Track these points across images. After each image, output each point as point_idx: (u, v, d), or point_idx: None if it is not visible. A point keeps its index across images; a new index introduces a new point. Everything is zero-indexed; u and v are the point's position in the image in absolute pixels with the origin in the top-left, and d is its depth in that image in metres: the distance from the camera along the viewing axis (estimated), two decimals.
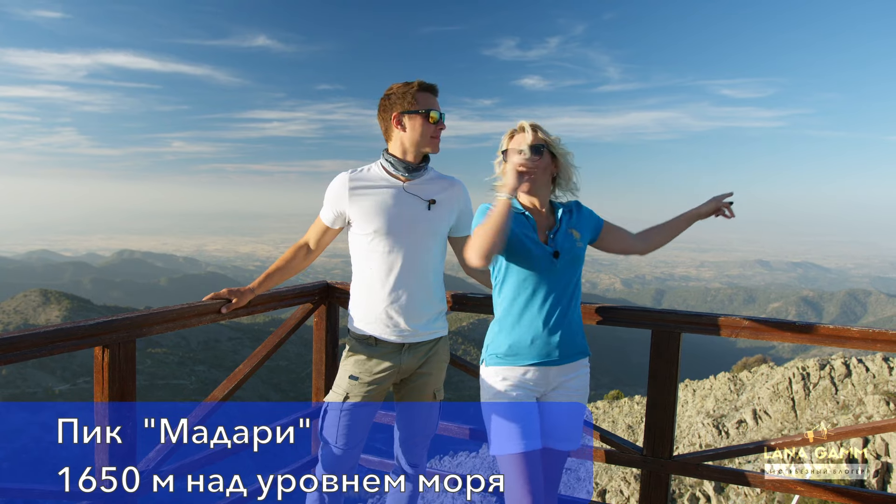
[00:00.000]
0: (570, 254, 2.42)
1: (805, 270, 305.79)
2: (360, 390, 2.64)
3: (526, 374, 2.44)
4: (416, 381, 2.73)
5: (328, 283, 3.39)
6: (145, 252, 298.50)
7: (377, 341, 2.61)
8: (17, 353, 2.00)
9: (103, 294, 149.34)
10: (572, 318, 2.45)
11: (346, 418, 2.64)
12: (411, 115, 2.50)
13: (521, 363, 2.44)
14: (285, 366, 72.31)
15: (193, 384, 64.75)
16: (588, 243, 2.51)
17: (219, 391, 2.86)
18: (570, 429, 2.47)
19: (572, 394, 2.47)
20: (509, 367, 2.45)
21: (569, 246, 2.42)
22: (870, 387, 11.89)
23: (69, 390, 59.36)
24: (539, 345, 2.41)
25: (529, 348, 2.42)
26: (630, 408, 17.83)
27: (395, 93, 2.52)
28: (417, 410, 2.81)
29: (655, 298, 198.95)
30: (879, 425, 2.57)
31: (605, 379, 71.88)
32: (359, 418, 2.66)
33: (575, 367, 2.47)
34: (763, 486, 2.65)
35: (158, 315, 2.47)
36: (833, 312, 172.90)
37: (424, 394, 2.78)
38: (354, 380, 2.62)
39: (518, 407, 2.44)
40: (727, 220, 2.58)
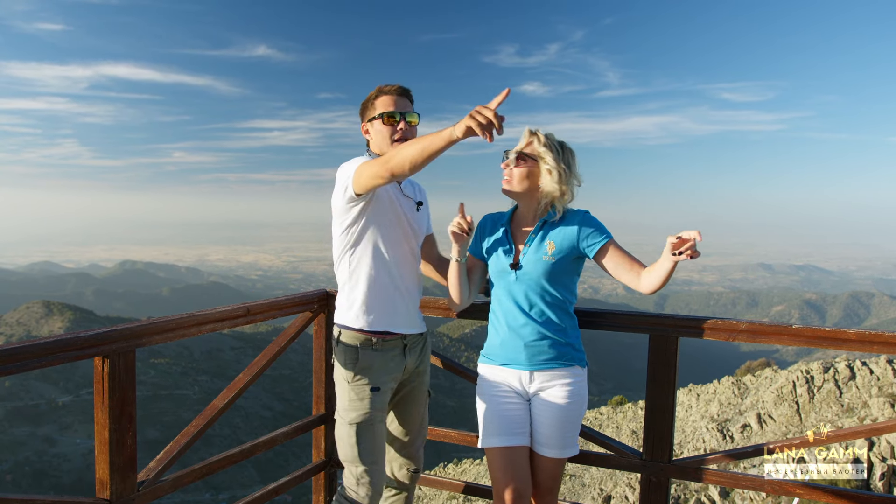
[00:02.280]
0: (533, 266, 2.45)
1: (808, 273, 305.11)
2: (383, 400, 2.60)
3: (503, 373, 2.53)
4: (414, 382, 2.76)
5: (327, 292, 3.40)
6: (147, 262, 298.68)
7: (384, 341, 2.56)
8: (17, 363, 2.01)
9: (106, 305, 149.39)
10: (545, 327, 2.45)
11: (378, 434, 2.59)
12: (372, 122, 2.59)
13: (497, 363, 2.55)
14: (288, 375, 72.22)
15: (197, 394, 64.68)
16: (574, 257, 2.47)
17: (219, 400, 2.87)
18: (552, 436, 2.47)
19: (554, 401, 2.45)
20: (490, 365, 2.58)
21: (534, 258, 2.45)
22: (874, 389, 11.85)
23: (72, 402, 59.31)
24: (507, 348, 2.51)
25: (500, 350, 2.54)
26: (634, 413, 17.76)
27: (362, 105, 2.64)
28: (416, 413, 2.82)
29: (658, 303, 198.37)
30: (880, 426, 2.56)
31: (609, 384, 71.66)
32: (382, 431, 2.65)
33: (553, 374, 2.46)
34: (763, 489, 2.64)
35: (157, 325, 2.48)
36: (836, 315, 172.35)
37: (422, 394, 2.81)
38: (377, 391, 2.54)
39: (498, 404, 2.51)
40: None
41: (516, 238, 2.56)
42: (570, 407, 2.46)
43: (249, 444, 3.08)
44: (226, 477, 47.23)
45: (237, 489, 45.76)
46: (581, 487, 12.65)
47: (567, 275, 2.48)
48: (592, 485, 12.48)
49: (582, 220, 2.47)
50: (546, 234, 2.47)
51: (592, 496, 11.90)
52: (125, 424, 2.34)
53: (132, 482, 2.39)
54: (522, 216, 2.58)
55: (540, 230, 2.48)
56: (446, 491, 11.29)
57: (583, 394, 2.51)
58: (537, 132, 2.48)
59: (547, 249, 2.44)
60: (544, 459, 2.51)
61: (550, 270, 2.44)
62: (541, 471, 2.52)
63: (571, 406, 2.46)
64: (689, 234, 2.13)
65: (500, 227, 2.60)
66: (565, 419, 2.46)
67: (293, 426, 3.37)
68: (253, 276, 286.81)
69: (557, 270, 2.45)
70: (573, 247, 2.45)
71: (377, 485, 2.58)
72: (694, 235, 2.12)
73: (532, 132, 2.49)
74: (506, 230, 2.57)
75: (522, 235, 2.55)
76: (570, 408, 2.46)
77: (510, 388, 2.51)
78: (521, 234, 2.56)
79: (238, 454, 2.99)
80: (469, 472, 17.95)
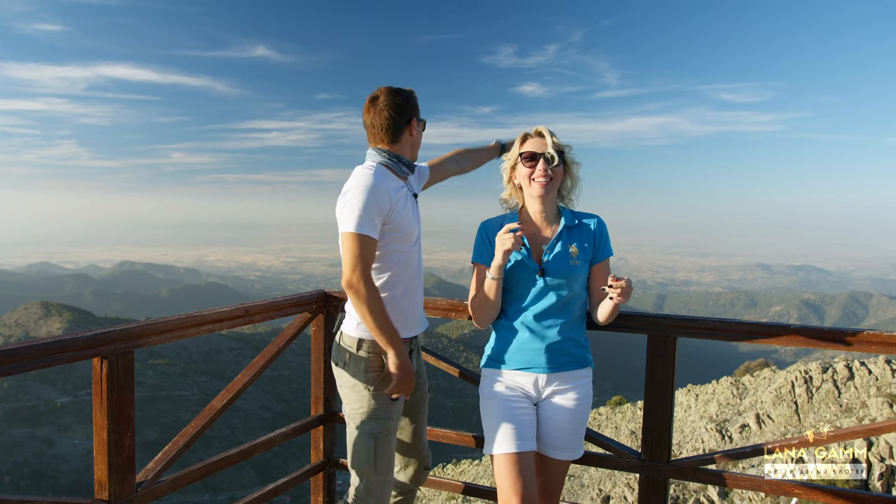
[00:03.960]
0: (562, 271, 2.41)
1: (806, 273, 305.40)
2: (402, 408, 2.62)
3: (516, 378, 2.46)
4: (419, 381, 2.76)
5: (326, 292, 3.40)
6: (146, 263, 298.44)
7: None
8: (15, 364, 2.01)
9: (104, 306, 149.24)
10: (567, 330, 2.43)
11: (393, 443, 2.61)
12: (420, 122, 2.62)
13: (510, 367, 2.47)
14: (287, 376, 72.15)
15: (195, 395, 64.58)
16: (589, 261, 2.47)
17: (217, 401, 2.86)
18: (565, 438, 2.46)
19: (568, 403, 2.44)
20: (500, 370, 2.50)
21: (561, 263, 2.41)
22: (873, 389, 11.86)
23: (70, 402, 59.21)
24: (526, 352, 2.44)
25: (517, 354, 2.46)
26: (633, 414, 17.75)
27: (414, 97, 2.57)
28: (423, 410, 2.83)
29: (657, 303, 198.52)
30: (878, 426, 2.57)
31: (607, 385, 71.68)
32: (395, 439, 2.66)
33: (568, 376, 2.45)
34: (762, 489, 2.64)
35: (156, 326, 2.48)
36: (835, 315, 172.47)
37: (425, 391, 2.83)
38: (397, 400, 2.55)
39: (509, 408, 2.44)
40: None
41: (533, 242, 2.48)
42: (582, 409, 2.47)
43: (248, 445, 3.08)
44: (224, 478, 47.14)
45: (236, 490, 45.66)
46: (580, 488, 12.65)
47: (585, 278, 2.48)
48: (591, 485, 12.48)
49: (600, 227, 2.49)
50: (568, 238, 2.45)
51: (591, 496, 11.90)
52: (123, 425, 2.34)
53: (131, 483, 2.39)
54: (535, 219, 2.51)
55: (563, 235, 2.45)
56: (445, 491, 11.25)
57: (591, 395, 2.52)
58: (548, 131, 2.44)
59: (571, 254, 2.42)
60: (554, 462, 2.50)
61: (577, 274, 2.43)
62: (550, 473, 2.51)
63: (583, 408, 2.47)
64: (619, 282, 2.20)
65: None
66: (577, 421, 2.46)
67: (292, 427, 3.37)
68: (251, 276, 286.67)
69: (581, 274, 2.45)
70: (589, 252, 2.46)
71: (388, 494, 2.59)
72: (622, 284, 2.19)
73: (548, 132, 2.44)
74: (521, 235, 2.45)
75: (540, 239, 2.48)
76: (581, 409, 2.46)
77: (522, 392, 2.46)
78: (536, 238, 2.49)
79: (237, 455, 2.99)
80: (468, 472, 17.94)
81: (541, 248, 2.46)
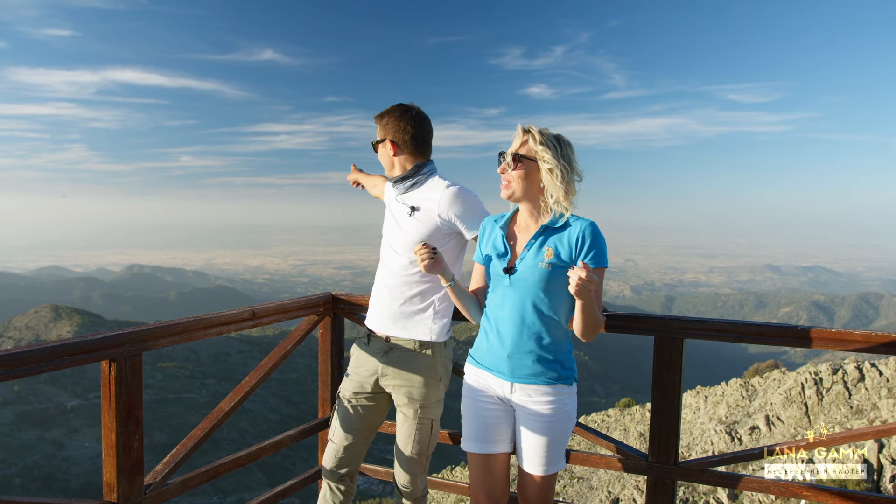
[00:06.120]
0: (527, 271, 2.29)
1: (815, 274, 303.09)
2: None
3: (487, 378, 2.43)
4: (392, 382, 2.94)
5: (333, 295, 3.41)
6: (155, 266, 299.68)
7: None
8: (25, 367, 2.03)
9: (114, 309, 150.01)
10: (534, 340, 2.29)
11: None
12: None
13: (482, 367, 2.45)
14: (295, 378, 72.27)
15: (204, 397, 64.79)
16: (571, 268, 2.18)
17: (225, 403, 2.88)
18: (531, 451, 2.34)
19: (535, 417, 2.31)
20: (475, 367, 2.49)
21: (531, 264, 2.29)
22: (883, 391, 11.76)
23: (81, 405, 59.51)
24: (493, 354, 2.39)
25: (487, 355, 2.43)
26: (642, 415, 17.67)
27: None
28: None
29: (665, 305, 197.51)
30: (887, 428, 2.54)
31: (616, 386, 71.31)
32: None
33: (536, 390, 2.31)
34: (770, 490, 2.63)
35: (164, 329, 2.50)
36: (845, 316, 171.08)
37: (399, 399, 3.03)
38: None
39: (479, 408, 2.43)
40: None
41: (514, 242, 2.40)
42: (554, 425, 2.31)
43: (256, 447, 3.09)
44: (233, 480, 47.27)
45: (244, 492, 45.76)
46: (589, 490, 12.61)
47: (563, 285, 2.23)
48: (600, 487, 12.43)
49: (585, 232, 2.24)
50: (546, 239, 2.30)
51: (601, 499, 11.85)
52: (132, 428, 2.35)
53: (139, 485, 2.40)
54: (524, 219, 2.41)
55: (541, 235, 2.31)
56: (454, 494, 11.23)
57: (568, 411, 2.35)
58: (531, 129, 2.31)
59: (544, 256, 2.26)
60: (525, 473, 2.38)
61: (546, 279, 2.26)
62: (526, 487, 2.38)
63: (555, 424, 2.31)
64: (575, 270, 2.02)
65: (497, 229, 2.43)
66: (548, 437, 2.30)
67: (300, 429, 3.38)
68: (259, 279, 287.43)
69: (553, 279, 2.26)
70: (570, 257, 2.25)
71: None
72: (580, 273, 1.99)
73: (525, 130, 2.32)
74: (503, 233, 2.42)
75: (522, 240, 2.38)
76: (553, 426, 2.31)
77: (494, 393, 2.40)
78: (520, 238, 2.40)
79: (245, 457, 3.00)
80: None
81: (520, 247, 2.38)
